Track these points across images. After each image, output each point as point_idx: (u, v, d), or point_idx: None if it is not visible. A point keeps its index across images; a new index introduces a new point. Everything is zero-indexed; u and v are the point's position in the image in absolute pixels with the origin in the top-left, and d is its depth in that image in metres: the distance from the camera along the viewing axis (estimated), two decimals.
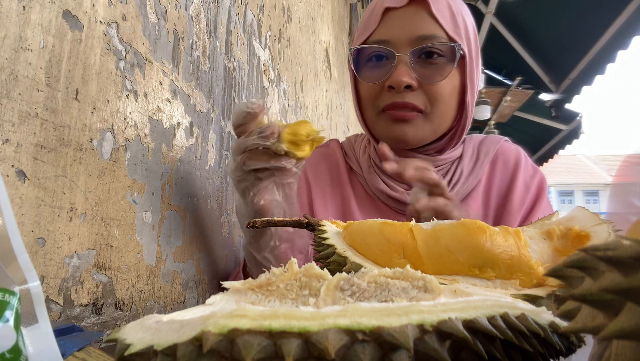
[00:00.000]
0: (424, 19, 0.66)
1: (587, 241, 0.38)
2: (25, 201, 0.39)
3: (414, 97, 0.67)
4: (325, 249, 0.42)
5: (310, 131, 0.58)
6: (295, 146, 0.57)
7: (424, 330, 0.19)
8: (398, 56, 0.66)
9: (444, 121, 0.70)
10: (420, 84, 0.67)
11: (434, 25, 0.66)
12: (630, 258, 0.14)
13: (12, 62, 0.38)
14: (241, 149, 0.57)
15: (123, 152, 0.52)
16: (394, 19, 0.68)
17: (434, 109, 0.68)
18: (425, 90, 0.67)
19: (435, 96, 0.67)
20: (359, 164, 0.81)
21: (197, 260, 0.70)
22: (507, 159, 0.77)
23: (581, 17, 3.13)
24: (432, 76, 0.66)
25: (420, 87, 0.67)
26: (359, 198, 0.79)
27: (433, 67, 0.67)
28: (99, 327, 0.48)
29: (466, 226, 0.38)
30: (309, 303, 0.26)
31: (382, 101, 0.69)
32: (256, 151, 0.57)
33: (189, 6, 0.68)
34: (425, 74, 0.66)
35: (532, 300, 0.31)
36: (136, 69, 0.55)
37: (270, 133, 0.56)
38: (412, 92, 0.66)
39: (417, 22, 0.66)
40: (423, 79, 0.66)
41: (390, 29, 0.68)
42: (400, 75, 0.65)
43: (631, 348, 0.15)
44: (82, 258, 0.46)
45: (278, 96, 1.20)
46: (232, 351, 0.18)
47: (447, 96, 0.68)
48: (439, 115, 0.69)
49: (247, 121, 0.58)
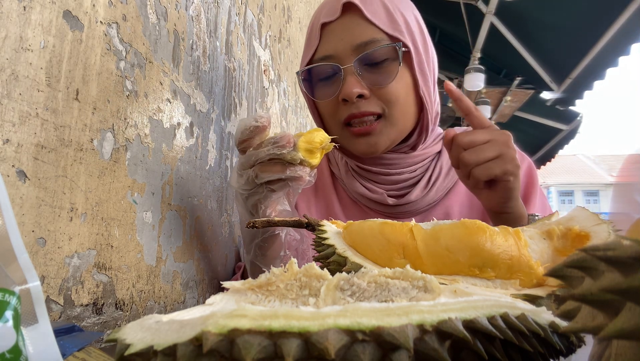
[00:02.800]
0: (359, 25, 0.66)
1: (587, 241, 0.38)
2: (26, 201, 0.39)
3: (369, 104, 0.66)
4: (325, 249, 0.42)
5: (324, 138, 0.58)
6: (310, 154, 0.57)
7: (424, 330, 0.19)
8: (344, 69, 0.66)
9: (406, 120, 0.69)
10: (372, 90, 0.66)
11: (371, 28, 0.65)
12: (630, 258, 0.14)
13: (13, 62, 0.38)
14: (251, 162, 0.57)
15: (123, 152, 0.52)
16: (332, 33, 0.68)
17: (393, 111, 0.67)
18: (378, 95, 0.66)
19: (390, 99, 0.66)
20: (338, 169, 0.81)
21: (197, 260, 0.71)
22: None
23: (582, 16, 3.13)
24: (381, 80, 0.66)
25: (373, 93, 0.66)
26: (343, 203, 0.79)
27: (380, 71, 0.66)
28: (99, 327, 0.48)
29: (466, 226, 0.38)
30: (309, 303, 0.26)
31: (340, 114, 0.68)
32: (270, 162, 0.56)
33: (189, 6, 0.68)
34: (374, 79, 0.66)
35: (532, 300, 0.31)
36: (136, 69, 0.55)
37: (286, 142, 0.55)
38: (366, 100, 0.66)
39: (354, 30, 0.66)
40: (373, 85, 0.66)
41: (331, 43, 0.67)
42: (350, 87, 0.64)
43: (631, 348, 0.15)
44: (82, 258, 0.46)
45: (278, 96, 1.20)
46: (232, 351, 0.18)
47: (402, 95, 0.67)
48: (399, 116, 0.68)
49: (253, 135, 0.57)
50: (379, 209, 0.74)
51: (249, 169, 0.57)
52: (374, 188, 0.74)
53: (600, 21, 3.11)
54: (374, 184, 0.75)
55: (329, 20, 0.67)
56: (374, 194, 0.73)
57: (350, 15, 0.66)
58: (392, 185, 0.74)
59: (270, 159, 0.56)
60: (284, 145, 0.55)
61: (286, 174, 0.56)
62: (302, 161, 0.56)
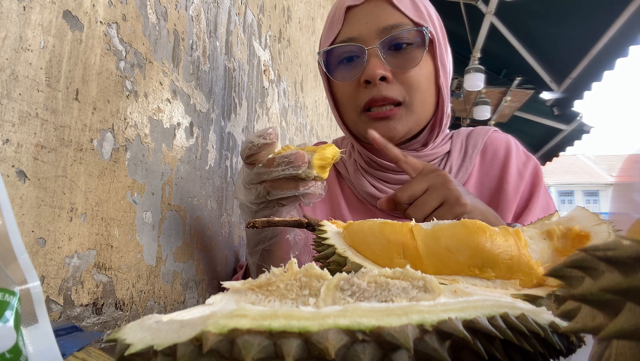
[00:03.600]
0: (385, 10, 0.66)
1: (587, 241, 0.38)
2: (26, 201, 0.39)
3: (390, 89, 0.66)
4: (325, 249, 0.42)
5: (335, 152, 0.58)
6: (322, 170, 0.57)
7: (424, 330, 0.19)
8: (368, 50, 0.65)
9: (425, 110, 0.69)
10: (394, 74, 0.66)
11: (397, 14, 0.66)
12: (630, 258, 0.14)
13: (13, 62, 0.38)
14: (261, 179, 0.56)
15: (123, 152, 0.52)
16: (357, 16, 0.68)
17: (413, 98, 0.67)
18: (401, 80, 0.66)
19: (412, 84, 0.66)
20: (346, 168, 0.80)
21: (197, 260, 0.71)
22: (497, 149, 0.76)
23: (582, 16, 3.13)
24: (405, 64, 0.66)
25: (395, 77, 0.66)
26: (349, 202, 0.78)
27: (405, 56, 0.66)
28: (99, 327, 0.48)
29: (466, 226, 0.38)
30: (309, 303, 0.26)
31: (361, 98, 0.68)
32: (281, 180, 0.55)
33: (189, 6, 0.68)
34: (398, 63, 0.66)
35: (532, 300, 0.31)
36: (136, 69, 0.55)
37: (301, 163, 0.54)
38: (388, 84, 0.66)
39: (379, 14, 0.66)
40: (396, 68, 0.66)
41: (355, 26, 0.67)
42: (374, 68, 0.64)
43: (631, 348, 0.15)
44: (82, 258, 0.46)
45: (278, 96, 1.20)
46: (232, 351, 0.18)
47: (424, 82, 0.67)
48: (419, 104, 0.68)
49: (260, 150, 0.56)
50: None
51: (258, 184, 0.57)
52: (383, 188, 0.73)
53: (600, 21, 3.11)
54: (383, 183, 0.74)
55: (355, 3, 0.68)
56: (382, 193, 0.73)
57: (376, 1, 0.67)
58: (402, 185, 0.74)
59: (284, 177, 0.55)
60: (299, 165, 0.54)
61: (300, 191, 0.56)
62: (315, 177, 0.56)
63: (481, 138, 0.76)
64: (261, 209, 0.59)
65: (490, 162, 0.75)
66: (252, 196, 0.58)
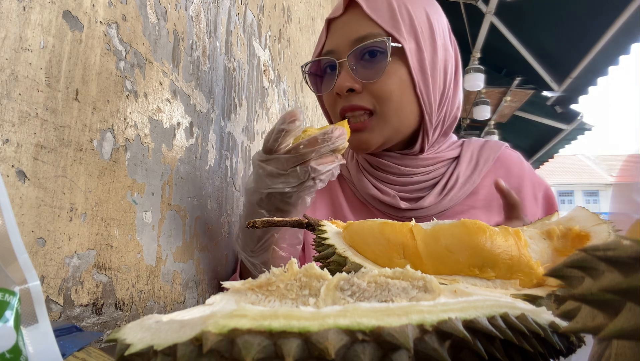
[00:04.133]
0: (359, 21, 0.68)
1: (587, 241, 0.38)
2: (26, 201, 0.39)
3: (360, 99, 0.67)
4: (325, 249, 0.42)
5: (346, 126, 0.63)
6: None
7: (424, 330, 0.19)
8: (339, 63, 0.68)
9: (402, 118, 0.69)
10: (364, 85, 0.67)
11: (370, 25, 0.67)
12: (630, 258, 0.14)
13: (12, 62, 0.38)
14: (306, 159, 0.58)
15: (123, 152, 0.52)
16: (336, 29, 0.71)
17: (385, 108, 0.67)
18: (370, 90, 0.67)
19: (381, 95, 0.66)
20: (348, 170, 0.81)
21: (197, 260, 0.70)
22: (510, 168, 0.76)
23: (583, 15, 3.13)
24: (371, 74, 0.66)
25: (365, 88, 0.67)
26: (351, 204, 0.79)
27: (372, 66, 0.67)
28: (99, 327, 0.48)
29: (466, 226, 0.38)
30: (309, 303, 0.26)
31: (337, 108, 0.70)
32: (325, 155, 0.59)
33: (189, 6, 0.68)
34: (365, 74, 0.67)
35: (532, 300, 0.31)
36: (136, 69, 0.55)
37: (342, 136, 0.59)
38: (358, 94, 0.67)
39: (353, 26, 0.68)
40: (363, 79, 0.67)
41: (334, 38, 0.71)
42: (342, 81, 0.67)
43: (631, 348, 0.15)
44: (82, 258, 0.46)
45: (278, 96, 1.20)
46: (232, 351, 0.18)
47: (396, 92, 0.67)
48: (393, 113, 0.68)
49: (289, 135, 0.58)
50: (390, 212, 0.73)
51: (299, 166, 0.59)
52: (386, 190, 0.73)
53: (600, 20, 3.11)
54: (386, 185, 0.74)
55: (334, 16, 0.71)
56: (386, 196, 0.72)
57: (352, 12, 0.69)
58: (404, 187, 0.74)
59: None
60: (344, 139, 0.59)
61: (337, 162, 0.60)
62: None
63: (493, 154, 0.76)
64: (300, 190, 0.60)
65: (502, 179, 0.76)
66: (294, 179, 0.59)
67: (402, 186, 0.74)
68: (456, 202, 0.72)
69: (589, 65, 3.54)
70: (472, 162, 0.75)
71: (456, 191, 0.72)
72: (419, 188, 0.73)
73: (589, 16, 3.10)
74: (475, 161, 0.75)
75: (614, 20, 3.03)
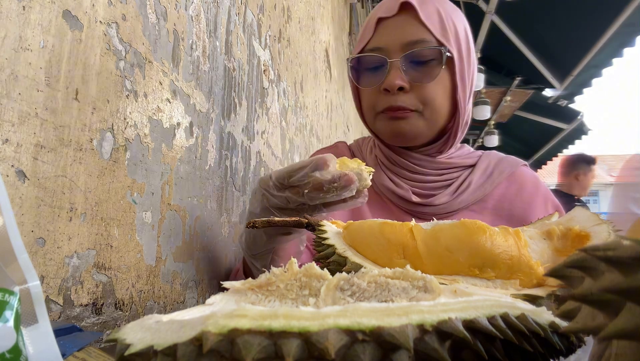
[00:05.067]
0: (413, 25, 0.71)
1: (587, 241, 0.38)
2: (25, 201, 0.39)
3: (407, 99, 0.71)
4: (325, 249, 0.42)
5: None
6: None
7: (424, 330, 0.19)
8: (390, 62, 0.71)
9: (438, 118, 0.73)
10: (412, 86, 0.71)
11: (422, 30, 0.71)
12: (630, 258, 0.14)
13: (12, 62, 0.38)
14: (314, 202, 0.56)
15: (123, 152, 0.52)
16: (386, 28, 0.73)
17: (427, 109, 0.72)
18: (418, 92, 0.71)
19: (427, 97, 0.71)
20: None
21: (197, 260, 0.70)
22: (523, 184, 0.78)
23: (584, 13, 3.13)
24: (422, 78, 0.71)
25: (413, 89, 0.71)
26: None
27: (423, 70, 0.71)
28: (99, 327, 0.48)
29: (466, 226, 0.38)
30: (309, 303, 0.26)
31: (379, 104, 0.74)
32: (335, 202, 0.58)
33: (189, 6, 0.68)
34: (416, 76, 0.71)
35: (532, 300, 0.31)
36: (136, 69, 0.55)
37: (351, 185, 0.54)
38: (405, 94, 0.71)
39: (406, 28, 0.71)
40: (414, 81, 0.70)
41: (383, 37, 0.73)
42: (393, 78, 0.70)
43: (631, 348, 0.15)
44: (82, 258, 0.46)
45: (278, 96, 1.20)
46: (232, 351, 0.18)
47: (439, 95, 0.72)
48: (432, 113, 0.72)
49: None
50: (403, 205, 0.77)
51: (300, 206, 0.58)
52: (400, 183, 0.77)
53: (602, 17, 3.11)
54: (401, 179, 0.78)
55: (385, 15, 0.73)
56: (400, 189, 0.76)
57: (405, 15, 0.72)
58: (418, 183, 0.77)
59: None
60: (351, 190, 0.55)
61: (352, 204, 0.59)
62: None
63: (509, 168, 0.79)
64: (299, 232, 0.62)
65: (515, 193, 0.78)
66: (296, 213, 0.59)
67: (416, 183, 0.77)
68: (465, 206, 0.76)
69: (590, 62, 3.54)
70: (486, 172, 0.78)
71: (467, 195, 0.75)
72: (431, 187, 0.77)
73: (590, 13, 3.10)
74: (490, 171, 0.79)
75: (615, 16, 3.02)
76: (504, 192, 0.78)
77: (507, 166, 0.79)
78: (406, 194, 0.75)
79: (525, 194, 0.77)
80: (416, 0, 0.72)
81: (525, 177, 0.80)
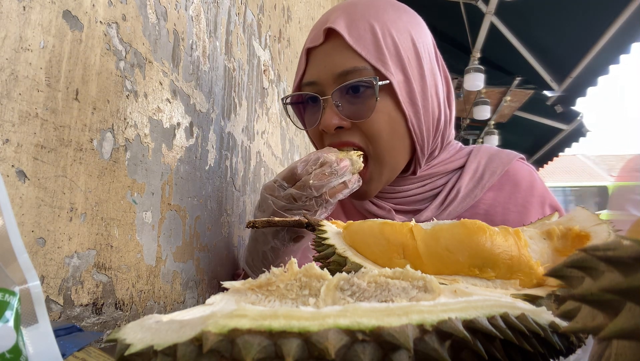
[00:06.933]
0: (342, 53, 0.62)
1: (587, 241, 0.38)
2: (26, 201, 0.39)
3: (350, 134, 0.64)
4: (325, 249, 0.42)
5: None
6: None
7: (424, 330, 0.19)
8: (323, 100, 0.63)
9: (396, 155, 0.66)
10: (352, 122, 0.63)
11: (353, 57, 0.62)
12: (630, 258, 0.14)
13: (12, 62, 0.38)
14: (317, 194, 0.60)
15: (123, 152, 0.52)
16: (317, 58, 0.65)
17: (377, 148, 0.64)
18: (360, 128, 0.63)
19: (372, 133, 0.63)
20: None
21: (197, 260, 0.70)
22: (518, 183, 0.70)
23: (583, 15, 3.13)
24: (359, 113, 0.62)
25: (354, 124, 0.63)
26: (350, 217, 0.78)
27: (359, 103, 0.62)
28: (99, 327, 0.48)
29: (466, 226, 0.38)
30: (309, 303, 0.26)
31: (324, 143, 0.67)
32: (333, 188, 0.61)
33: (189, 6, 0.68)
34: (353, 112, 0.63)
35: (532, 300, 0.31)
36: (136, 69, 0.55)
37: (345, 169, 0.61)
38: (347, 130, 0.64)
39: (335, 57, 0.63)
40: (351, 118, 0.63)
41: (315, 69, 0.65)
42: (329, 118, 0.62)
43: (631, 348, 0.15)
44: (82, 258, 0.46)
45: (278, 96, 1.20)
46: (232, 351, 0.18)
47: (387, 129, 0.63)
48: (386, 152, 0.64)
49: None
50: None
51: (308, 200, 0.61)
52: (382, 204, 0.71)
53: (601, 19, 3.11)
54: (383, 200, 0.72)
55: (313, 45, 0.65)
56: (381, 210, 0.71)
57: (333, 41, 0.63)
58: (400, 199, 0.71)
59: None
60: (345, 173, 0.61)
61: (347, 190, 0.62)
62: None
63: (502, 166, 0.71)
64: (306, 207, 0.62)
65: (508, 196, 0.70)
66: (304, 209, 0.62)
67: (399, 198, 0.72)
68: (454, 216, 0.69)
69: (589, 64, 3.54)
70: (476, 175, 0.70)
71: (455, 205, 0.68)
72: (415, 200, 0.71)
73: (589, 15, 3.10)
74: (480, 173, 0.70)
75: (614, 19, 3.03)
76: (496, 194, 0.70)
77: (499, 165, 0.70)
78: (388, 215, 0.69)
79: (520, 197, 0.69)
80: (344, 22, 0.63)
81: (519, 175, 0.71)
